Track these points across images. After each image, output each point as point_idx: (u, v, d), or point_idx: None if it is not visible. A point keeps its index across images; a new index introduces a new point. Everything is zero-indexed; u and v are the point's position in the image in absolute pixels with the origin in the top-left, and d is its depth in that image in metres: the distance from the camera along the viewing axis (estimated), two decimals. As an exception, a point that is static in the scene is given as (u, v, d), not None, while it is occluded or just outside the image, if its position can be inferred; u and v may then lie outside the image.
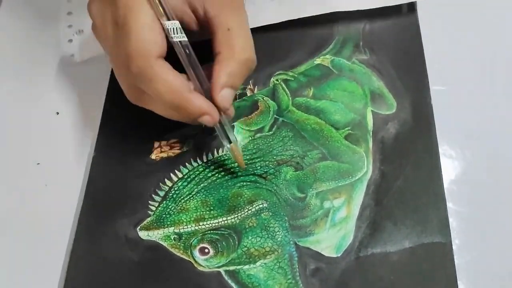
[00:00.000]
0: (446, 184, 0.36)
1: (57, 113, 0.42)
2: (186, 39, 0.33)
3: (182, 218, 0.36)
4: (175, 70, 0.33)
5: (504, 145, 0.38)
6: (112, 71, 0.43)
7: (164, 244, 0.35)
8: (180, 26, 0.33)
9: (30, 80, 0.45)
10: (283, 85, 0.41)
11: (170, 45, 0.33)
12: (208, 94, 0.34)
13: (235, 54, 0.34)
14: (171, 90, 0.32)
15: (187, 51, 0.33)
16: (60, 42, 0.45)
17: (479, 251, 0.34)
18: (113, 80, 0.43)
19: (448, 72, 0.41)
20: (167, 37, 0.33)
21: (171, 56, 0.33)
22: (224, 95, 0.34)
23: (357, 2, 0.42)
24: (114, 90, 0.42)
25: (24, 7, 0.49)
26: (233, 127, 0.40)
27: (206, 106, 0.33)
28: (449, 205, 0.35)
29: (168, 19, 0.32)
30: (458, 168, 0.37)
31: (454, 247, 0.34)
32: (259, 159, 0.38)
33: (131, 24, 0.32)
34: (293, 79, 0.42)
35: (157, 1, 0.32)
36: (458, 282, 0.32)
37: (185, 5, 0.35)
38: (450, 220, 0.35)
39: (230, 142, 0.36)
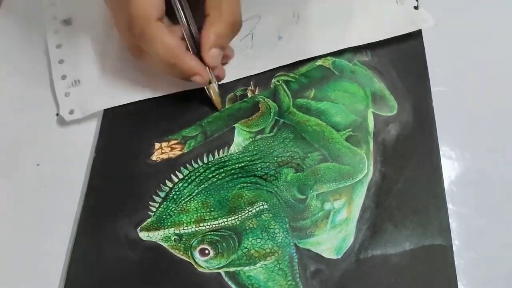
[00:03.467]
0: (446, 185, 0.36)
1: (57, 114, 0.42)
2: None
3: (183, 219, 0.36)
4: (171, 31, 0.36)
5: (504, 146, 0.38)
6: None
7: (165, 245, 0.35)
8: None
9: (30, 80, 0.45)
10: (284, 87, 0.41)
11: (167, 4, 0.36)
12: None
13: (222, 16, 0.37)
14: (167, 51, 0.36)
15: (183, 5, 0.37)
16: (56, 96, 0.42)
17: (479, 252, 0.34)
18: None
19: (449, 73, 0.41)
20: None
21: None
22: (213, 55, 0.37)
23: (365, 36, 0.42)
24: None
25: (22, 9, 0.49)
26: (234, 128, 0.40)
27: (197, 67, 0.37)
28: (449, 206, 0.35)
29: None
30: (458, 169, 0.37)
31: (454, 248, 0.34)
32: (259, 161, 0.38)
33: None
34: (294, 80, 0.41)
35: None
36: (458, 282, 0.32)
37: None
38: (450, 221, 0.35)
39: (220, 105, 0.40)
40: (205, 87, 0.39)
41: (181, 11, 0.37)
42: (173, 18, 0.38)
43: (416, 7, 0.42)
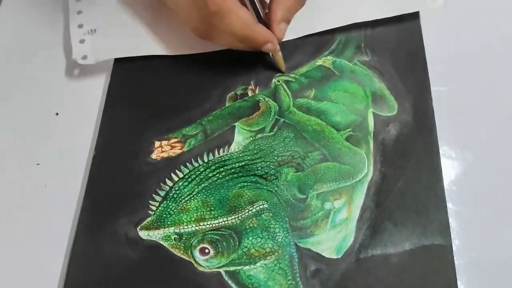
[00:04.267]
0: (446, 185, 0.36)
1: (57, 113, 0.42)
2: None
3: (183, 218, 0.36)
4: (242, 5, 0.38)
5: (504, 146, 0.38)
6: (112, 71, 0.43)
7: (165, 244, 0.35)
8: None
9: (30, 80, 0.45)
10: (285, 86, 0.41)
11: None
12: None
13: None
14: (244, 24, 0.38)
15: None
16: (71, 42, 0.44)
17: (479, 252, 0.34)
18: (113, 80, 0.43)
19: (449, 73, 0.41)
20: None
21: None
22: (281, 28, 0.40)
23: (374, 12, 0.43)
24: (114, 90, 0.42)
25: (25, 6, 0.49)
26: (234, 127, 0.40)
27: (270, 36, 0.40)
28: (449, 205, 0.35)
29: None
30: (458, 168, 0.37)
31: (454, 247, 0.34)
32: (260, 160, 0.38)
33: None
34: (294, 80, 0.42)
35: None
36: (458, 282, 0.32)
37: None
38: (450, 220, 0.35)
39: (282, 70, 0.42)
40: (270, 54, 0.42)
41: None
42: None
43: None
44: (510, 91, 0.40)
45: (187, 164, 0.38)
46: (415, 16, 0.43)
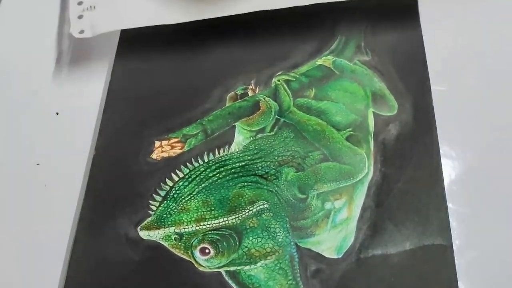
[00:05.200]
0: (446, 185, 0.36)
1: (57, 113, 0.42)
2: None
3: (183, 218, 0.36)
4: None
5: (504, 146, 0.38)
6: (113, 71, 0.43)
7: (165, 244, 0.35)
8: None
9: (30, 79, 0.45)
10: (285, 86, 0.41)
11: None
12: None
13: None
14: None
15: None
16: (69, 17, 0.43)
17: (479, 252, 0.34)
18: (114, 79, 0.43)
19: (449, 73, 0.41)
20: None
21: None
22: None
23: None
24: (114, 90, 0.42)
25: (25, 5, 0.49)
26: (234, 127, 0.40)
27: None
28: (450, 205, 0.35)
29: None
30: (459, 168, 0.37)
31: (454, 247, 0.33)
32: (260, 160, 0.38)
33: None
34: (294, 79, 0.41)
35: None
36: (459, 282, 0.32)
37: None
38: (450, 220, 0.34)
39: None
40: None
41: None
42: None
43: None
44: (511, 90, 0.40)
45: (188, 164, 0.38)
46: (415, 16, 0.43)
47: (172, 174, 0.38)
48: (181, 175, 0.38)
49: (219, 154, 0.38)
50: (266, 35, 0.44)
